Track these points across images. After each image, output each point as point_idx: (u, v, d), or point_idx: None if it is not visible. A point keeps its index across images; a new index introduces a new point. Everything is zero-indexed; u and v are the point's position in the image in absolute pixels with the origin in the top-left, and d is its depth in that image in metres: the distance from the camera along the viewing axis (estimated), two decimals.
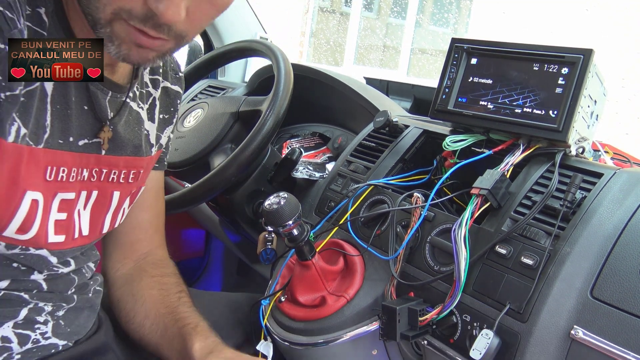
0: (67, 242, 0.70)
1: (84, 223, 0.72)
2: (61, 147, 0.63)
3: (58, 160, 0.63)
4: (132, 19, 0.54)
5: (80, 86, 0.64)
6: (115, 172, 0.73)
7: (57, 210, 0.66)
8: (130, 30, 0.55)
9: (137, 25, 0.54)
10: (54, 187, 0.64)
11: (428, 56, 4.89)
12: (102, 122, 0.68)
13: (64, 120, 0.62)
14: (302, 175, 1.14)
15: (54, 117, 0.61)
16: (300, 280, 0.85)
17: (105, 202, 0.74)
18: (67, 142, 0.64)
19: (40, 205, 0.63)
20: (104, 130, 0.69)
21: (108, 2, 0.53)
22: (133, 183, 0.78)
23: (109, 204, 0.75)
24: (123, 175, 0.75)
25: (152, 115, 0.80)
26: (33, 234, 0.64)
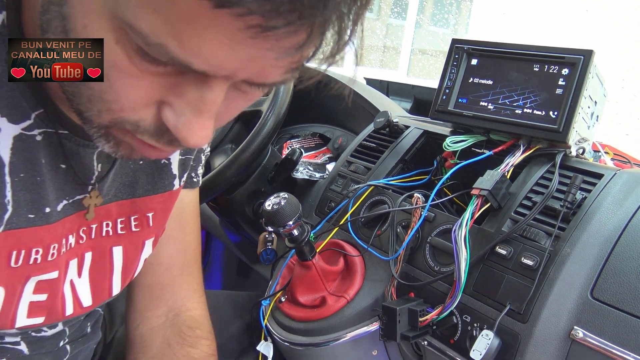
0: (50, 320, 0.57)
1: (83, 293, 0.58)
2: (33, 223, 0.49)
3: (28, 240, 0.50)
4: (139, 132, 0.41)
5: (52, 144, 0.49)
6: (109, 223, 0.58)
7: (33, 292, 0.53)
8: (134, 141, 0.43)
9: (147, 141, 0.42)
10: (23, 272, 0.51)
11: (428, 57, 4.89)
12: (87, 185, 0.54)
13: (32, 190, 0.48)
14: (302, 175, 1.14)
15: (16, 189, 0.47)
16: (301, 281, 0.85)
17: (105, 263, 0.59)
18: (41, 215, 0.50)
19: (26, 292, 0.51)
20: (89, 196, 0.54)
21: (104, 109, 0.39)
22: (140, 231, 0.61)
23: (111, 264, 0.60)
24: (121, 225, 0.59)
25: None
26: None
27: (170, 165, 0.62)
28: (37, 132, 0.48)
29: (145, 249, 0.63)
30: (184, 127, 0.38)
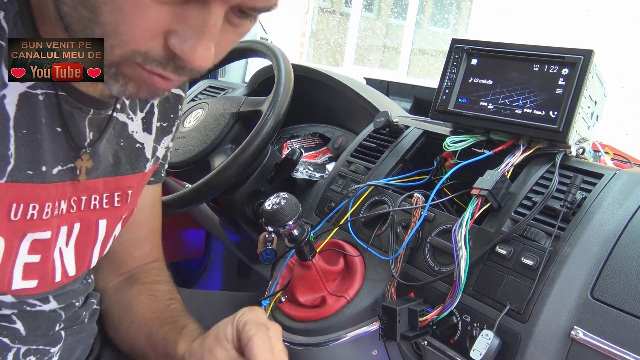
0: (42, 286, 0.60)
1: (69, 262, 0.63)
2: (31, 180, 0.53)
3: (26, 195, 0.53)
4: (149, 62, 0.45)
5: (51, 105, 0.53)
6: (96, 197, 0.62)
7: (28, 252, 0.56)
8: (143, 73, 0.47)
9: (155, 70, 0.46)
10: (21, 227, 0.55)
11: (428, 57, 4.89)
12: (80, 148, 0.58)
13: (32, 147, 0.52)
14: (302, 175, 1.14)
15: (19, 144, 0.51)
16: (301, 281, 0.85)
17: (91, 234, 0.64)
18: (38, 172, 0.54)
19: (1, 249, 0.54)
20: (81, 159, 0.58)
21: (117, 43, 0.44)
22: (121, 207, 0.67)
23: (96, 236, 0.65)
24: (106, 200, 0.64)
25: (148, 125, 0.68)
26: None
27: (144, 149, 0.69)
28: (40, 92, 0.51)
29: (119, 224, 0.69)
30: (190, 49, 0.43)
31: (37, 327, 0.64)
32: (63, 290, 0.66)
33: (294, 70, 1.09)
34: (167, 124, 0.74)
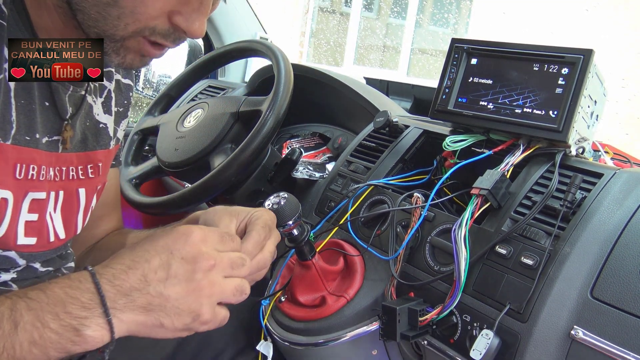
0: (40, 245, 0.67)
1: (58, 225, 0.69)
2: (28, 144, 0.60)
3: (26, 157, 0.60)
4: (154, 35, 0.56)
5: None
6: (73, 168, 0.70)
7: (28, 210, 0.63)
8: (145, 43, 0.57)
9: (158, 40, 0.57)
10: (24, 185, 0.61)
11: (428, 56, 4.89)
12: (63, 120, 0.65)
13: (29, 115, 0.59)
14: (302, 175, 1.14)
15: (19, 112, 0.57)
16: (301, 280, 0.85)
17: (74, 202, 0.71)
18: (33, 138, 0.61)
19: (10, 204, 0.60)
20: (65, 130, 0.66)
21: (132, 21, 0.54)
22: (95, 178, 0.75)
23: (78, 203, 0.72)
24: (81, 172, 0.72)
25: (108, 108, 0.78)
26: (1, 235, 0.60)
27: (107, 129, 0.77)
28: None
29: (96, 194, 0.76)
30: (192, 26, 0.56)
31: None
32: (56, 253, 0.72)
33: (294, 70, 1.09)
34: (123, 109, 0.84)
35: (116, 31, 0.55)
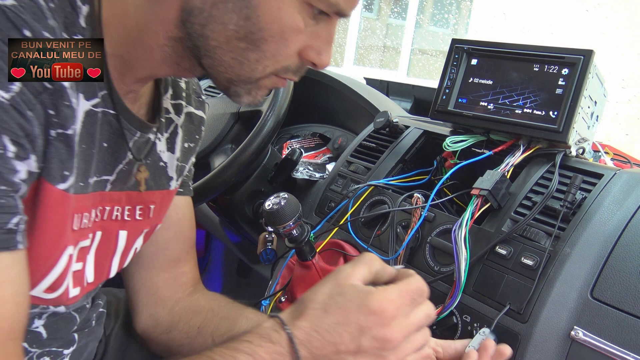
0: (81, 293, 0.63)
1: (89, 269, 0.64)
2: (81, 191, 0.56)
3: (81, 205, 0.57)
4: (287, 72, 0.57)
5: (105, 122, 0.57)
6: (118, 208, 0.64)
7: (76, 259, 0.59)
8: (277, 80, 0.58)
9: (289, 76, 0.58)
10: (78, 236, 0.58)
11: (428, 57, 4.89)
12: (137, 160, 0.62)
13: (87, 160, 0.55)
14: (302, 175, 1.14)
15: (79, 158, 0.54)
16: (301, 281, 0.85)
17: (111, 244, 0.65)
18: (86, 184, 0.57)
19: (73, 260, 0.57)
20: (140, 171, 0.64)
21: (271, 63, 0.55)
22: (142, 221, 0.68)
23: (115, 246, 0.66)
24: (127, 212, 0.66)
25: (172, 145, 0.70)
26: (60, 293, 0.57)
27: (167, 168, 0.71)
28: (100, 110, 0.55)
29: (140, 237, 0.70)
30: (322, 58, 0.56)
31: (56, 330, 0.65)
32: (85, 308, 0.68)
33: None
34: (194, 144, 0.77)
35: (253, 74, 0.55)
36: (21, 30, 0.43)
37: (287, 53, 0.55)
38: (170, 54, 0.55)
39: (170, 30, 0.54)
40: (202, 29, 0.52)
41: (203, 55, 0.54)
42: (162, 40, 0.54)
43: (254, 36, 0.52)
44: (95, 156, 0.57)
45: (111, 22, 0.53)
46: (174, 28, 0.53)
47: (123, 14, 0.53)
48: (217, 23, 0.52)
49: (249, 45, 0.53)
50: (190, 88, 0.75)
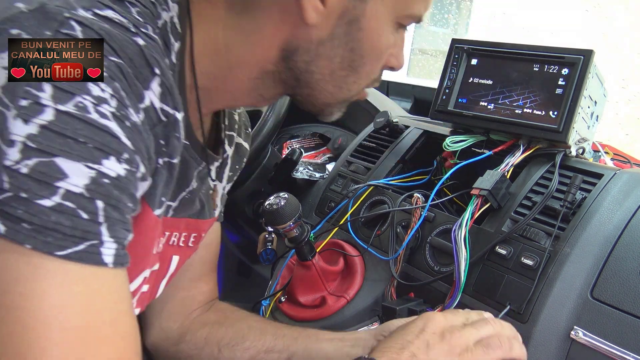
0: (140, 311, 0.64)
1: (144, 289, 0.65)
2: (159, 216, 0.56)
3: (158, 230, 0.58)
4: (374, 83, 0.61)
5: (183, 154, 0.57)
6: (177, 234, 0.65)
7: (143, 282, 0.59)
8: (363, 92, 0.62)
9: (373, 86, 0.62)
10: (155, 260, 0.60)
11: (428, 57, 4.88)
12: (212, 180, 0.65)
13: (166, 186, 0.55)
14: (302, 175, 1.14)
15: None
16: (301, 281, 0.85)
17: (164, 267, 0.66)
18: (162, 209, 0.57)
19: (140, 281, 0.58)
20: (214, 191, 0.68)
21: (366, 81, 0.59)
22: (193, 247, 0.70)
23: (167, 269, 0.67)
24: (183, 239, 0.67)
25: (220, 174, 0.72)
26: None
27: (215, 197, 0.73)
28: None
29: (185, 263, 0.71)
30: (399, 61, 0.60)
31: None
32: None
33: None
34: (233, 174, 0.79)
35: (349, 95, 0.60)
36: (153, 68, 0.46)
37: (379, 68, 0.59)
38: (259, 85, 0.57)
39: (266, 66, 0.55)
40: (307, 65, 0.55)
41: (303, 87, 0.57)
42: (255, 74, 0.56)
43: (355, 63, 0.56)
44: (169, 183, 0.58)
45: (201, 57, 0.54)
46: (270, 64, 0.55)
47: (214, 50, 0.55)
48: (323, 59, 0.55)
49: (349, 73, 0.57)
50: (241, 120, 0.77)
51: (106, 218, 0.41)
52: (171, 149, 0.50)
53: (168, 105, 0.48)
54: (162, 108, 0.47)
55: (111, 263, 0.42)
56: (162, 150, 0.49)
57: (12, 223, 0.38)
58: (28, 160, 0.38)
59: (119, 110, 0.42)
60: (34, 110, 0.39)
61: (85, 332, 0.40)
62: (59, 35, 0.41)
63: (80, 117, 0.40)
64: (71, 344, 0.39)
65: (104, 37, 0.43)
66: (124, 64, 0.43)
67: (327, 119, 0.64)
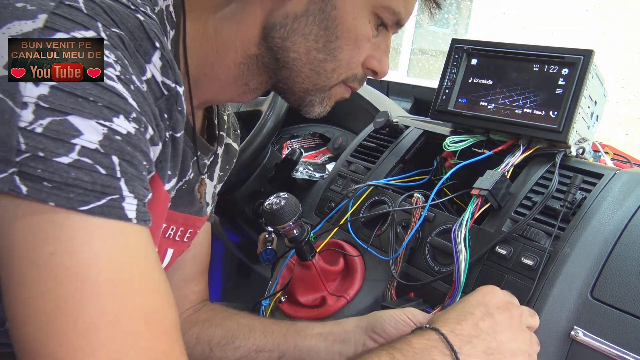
0: None
1: None
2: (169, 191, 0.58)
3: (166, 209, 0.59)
4: (354, 81, 0.62)
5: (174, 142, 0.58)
6: (174, 228, 0.67)
7: None
8: (345, 89, 0.63)
9: (355, 85, 0.62)
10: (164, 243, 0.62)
11: (428, 57, 4.88)
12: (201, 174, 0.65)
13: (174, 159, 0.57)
14: (302, 175, 1.14)
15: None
16: (301, 281, 0.85)
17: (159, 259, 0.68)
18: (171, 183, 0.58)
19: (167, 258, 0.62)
20: (201, 184, 0.67)
21: (345, 71, 0.59)
22: (187, 243, 0.71)
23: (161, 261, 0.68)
24: (179, 233, 0.68)
25: (211, 173, 0.73)
26: None
27: (206, 194, 0.73)
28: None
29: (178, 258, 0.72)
30: (383, 67, 0.62)
31: None
32: None
33: None
34: (223, 174, 0.80)
35: (328, 82, 0.60)
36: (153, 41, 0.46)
37: (358, 60, 0.59)
38: (244, 71, 0.59)
39: (249, 48, 0.57)
40: (283, 42, 0.56)
41: (282, 67, 0.58)
42: (240, 58, 0.58)
43: (331, 45, 0.57)
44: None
45: (193, 44, 0.56)
46: (253, 46, 0.57)
47: (203, 36, 0.56)
48: (298, 35, 0.56)
49: (326, 57, 0.57)
50: (230, 121, 0.79)
51: (123, 173, 0.42)
52: (174, 122, 0.51)
53: (169, 79, 0.48)
54: (163, 81, 0.48)
55: (134, 218, 0.42)
56: (166, 123, 0.50)
57: (32, 183, 0.38)
58: (42, 120, 0.39)
59: (123, 74, 0.43)
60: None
61: (117, 285, 0.40)
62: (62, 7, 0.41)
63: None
64: (105, 298, 0.39)
65: (105, 9, 0.43)
66: (125, 36, 0.44)
67: (307, 111, 0.63)
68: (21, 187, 0.38)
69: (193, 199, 0.67)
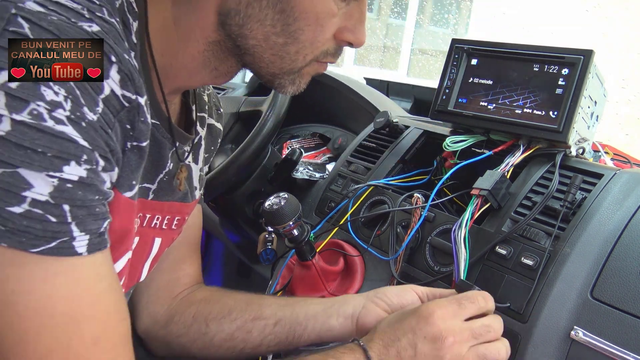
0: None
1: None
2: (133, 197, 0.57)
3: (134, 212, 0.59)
4: (327, 57, 0.59)
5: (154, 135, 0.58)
6: (159, 217, 0.66)
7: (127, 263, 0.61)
8: (318, 66, 0.60)
9: (329, 60, 0.60)
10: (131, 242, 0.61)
11: (428, 57, 4.88)
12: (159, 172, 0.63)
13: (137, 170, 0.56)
14: (302, 175, 1.14)
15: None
16: (301, 281, 0.85)
17: (146, 249, 0.67)
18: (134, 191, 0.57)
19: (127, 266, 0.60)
20: (181, 171, 0.66)
21: (310, 51, 0.57)
22: (176, 230, 0.71)
23: (149, 251, 0.68)
24: (166, 222, 0.68)
25: (196, 156, 0.72)
26: None
27: (193, 178, 0.73)
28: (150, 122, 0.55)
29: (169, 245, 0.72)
30: (357, 36, 0.58)
31: None
32: None
33: None
34: (209, 155, 0.79)
35: (295, 65, 0.58)
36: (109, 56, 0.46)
37: (324, 38, 0.56)
38: (210, 58, 0.58)
39: (209, 35, 0.56)
40: (239, 29, 0.54)
41: (244, 54, 0.57)
42: (202, 46, 0.57)
43: (290, 28, 0.54)
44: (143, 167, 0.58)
45: (155, 34, 0.55)
46: (212, 32, 0.56)
47: (164, 26, 0.55)
48: (254, 22, 0.54)
49: (287, 40, 0.55)
50: (211, 101, 0.78)
51: (74, 217, 0.44)
52: (138, 132, 0.51)
53: (129, 91, 0.48)
54: (123, 94, 0.48)
55: (85, 252, 0.45)
56: (130, 134, 0.50)
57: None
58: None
59: (73, 112, 0.43)
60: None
61: (69, 315, 0.45)
62: (6, 35, 0.41)
63: (36, 126, 0.41)
64: (59, 327, 0.44)
65: (54, 31, 0.43)
66: None
67: (281, 92, 0.62)
68: None
69: (174, 187, 0.67)
